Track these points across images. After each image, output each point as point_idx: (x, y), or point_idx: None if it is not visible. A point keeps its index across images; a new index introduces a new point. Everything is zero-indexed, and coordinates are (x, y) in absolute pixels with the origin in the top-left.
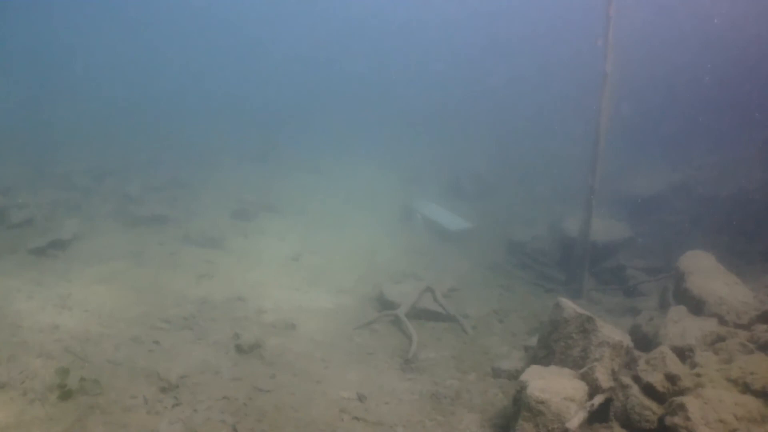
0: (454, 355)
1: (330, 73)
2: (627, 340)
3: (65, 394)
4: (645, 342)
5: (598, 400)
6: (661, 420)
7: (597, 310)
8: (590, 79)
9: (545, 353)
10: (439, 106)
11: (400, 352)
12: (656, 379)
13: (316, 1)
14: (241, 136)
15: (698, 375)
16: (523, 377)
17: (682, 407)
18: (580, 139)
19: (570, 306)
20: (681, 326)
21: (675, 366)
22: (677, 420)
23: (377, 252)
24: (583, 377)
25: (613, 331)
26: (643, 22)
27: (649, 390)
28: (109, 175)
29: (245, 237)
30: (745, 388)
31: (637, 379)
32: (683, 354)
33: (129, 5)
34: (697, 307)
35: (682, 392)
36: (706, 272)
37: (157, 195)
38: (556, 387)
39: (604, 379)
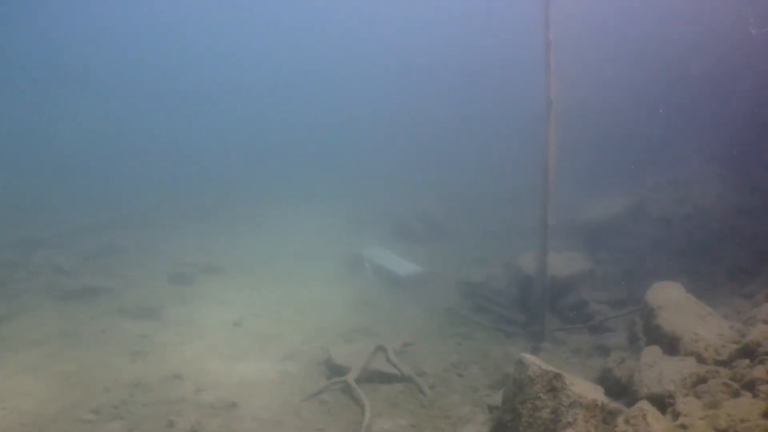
0: (413, 423)
1: (266, 122)
2: (601, 396)
3: None
4: (619, 388)
5: None
6: None
7: (563, 351)
8: (537, 108)
9: (511, 417)
10: (383, 149)
11: (352, 425)
12: None
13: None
14: (181, 193)
15: (683, 427)
16: None
17: None
18: (530, 170)
19: (534, 363)
20: (657, 370)
21: (657, 423)
22: None
23: (326, 307)
24: None
25: (584, 388)
26: (580, 40)
27: None
28: (38, 245)
29: (184, 304)
30: None
31: None
32: (663, 402)
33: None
34: (671, 345)
35: None
36: (676, 305)
37: (91, 264)
38: None
39: None
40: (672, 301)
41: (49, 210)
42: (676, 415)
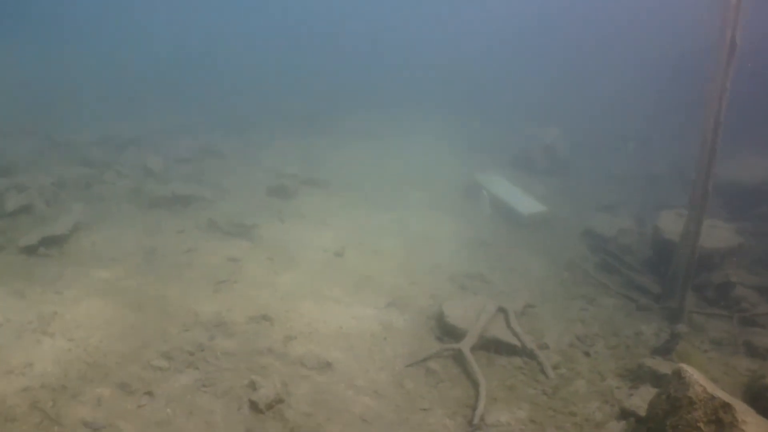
0: (532, 418)
1: (384, 35)
2: None
3: None
4: None
5: None
6: None
7: (701, 340)
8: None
9: None
10: (507, 71)
11: (463, 408)
12: None
13: None
14: (285, 98)
15: None
16: None
17: None
18: (661, 113)
19: (697, 382)
20: None
21: None
22: None
23: (436, 242)
24: None
25: (760, 429)
26: None
27: None
28: (130, 144)
29: (281, 222)
30: None
31: None
32: None
33: None
34: None
35: None
36: None
37: (183, 168)
38: None
39: None
40: None
41: (144, 108)
42: None
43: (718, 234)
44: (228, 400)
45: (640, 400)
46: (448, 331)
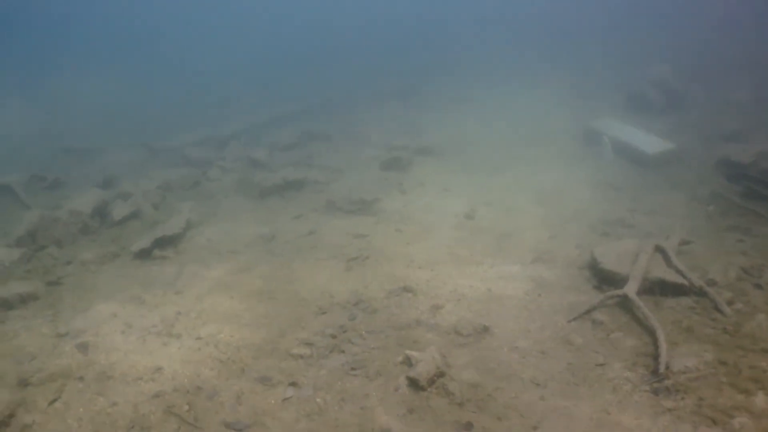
0: (720, 359)
1: None
2: None
3: None
4: None
5: None
6: None
7: None
8: None
9: None
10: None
11: (642, 357)
12: None
13: None
14: (377, 75)
15: None
16: None
17: None
18: None
19: None
20: None
21: None
22: None
23: (565, 193)
24: None
25: None
26: None
27: None
28: (230, 140)
29: (402, 193)
30: None
31: None
32: None
33: None
34: None
35: None
36: None
37: (289, 155)
38: None
39: None
40: None
41: (239, 107)
42: None
43: None
44: (383, 380)
45: None
46: (604, 278)
